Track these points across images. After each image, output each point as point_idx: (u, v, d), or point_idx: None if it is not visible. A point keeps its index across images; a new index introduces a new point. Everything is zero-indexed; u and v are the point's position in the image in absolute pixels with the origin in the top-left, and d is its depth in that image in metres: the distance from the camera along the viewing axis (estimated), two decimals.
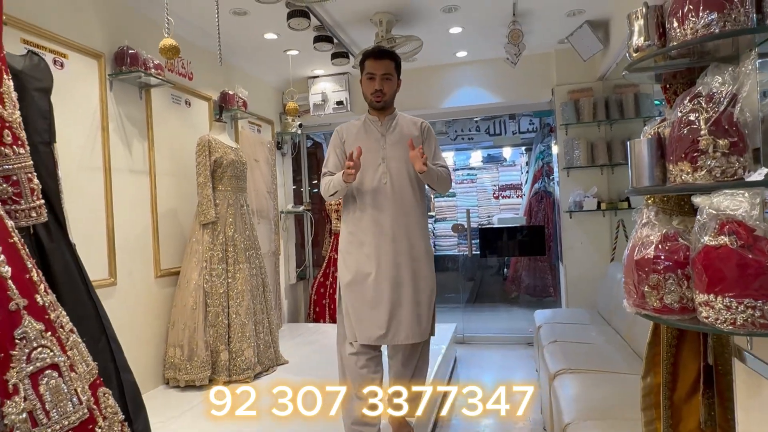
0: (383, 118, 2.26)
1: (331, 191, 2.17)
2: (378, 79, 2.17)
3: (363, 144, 2.16)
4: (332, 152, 2.30)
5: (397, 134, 2.23)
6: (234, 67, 3.87)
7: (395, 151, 2.19)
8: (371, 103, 2.23)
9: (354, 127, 2.30)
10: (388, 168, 2.18)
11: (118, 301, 2.64)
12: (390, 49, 2.22)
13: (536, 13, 3.42)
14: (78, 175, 2.43)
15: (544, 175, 6.54)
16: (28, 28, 2.19)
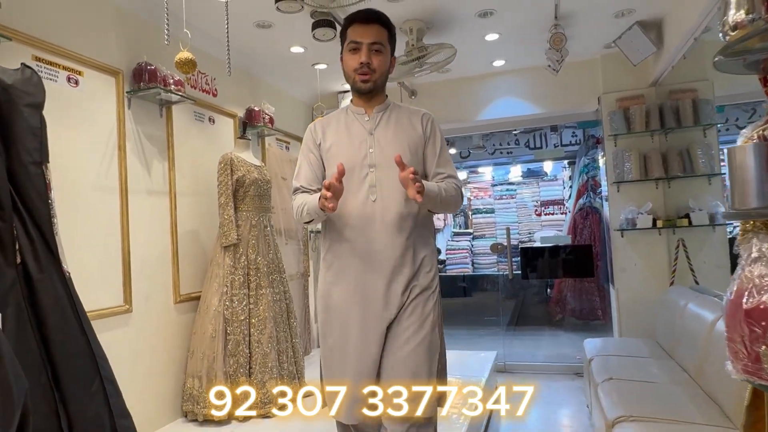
0: (371, 109, 1.71)
1: (305, 218, 1.64)
2: (365, 49, 1.60)
3: (345, 144, 1.67)
4: (304, 159, 1.74)
5: (391, 131, 1.68)
6: (260, 82, 3.75)
7: (388, 154, 1.61)
8: (355, 84, 1.66)
9: (333, 121, 1.75)
10: (377, 179, 1.61)
11: (134, 330, 2.50)
12: (382, 13, 1.66)
13: (580, 16, 3.15)
14: (92, 196, 2.31)
15: (589, 190, 6.15)
16: (41, 44, 2.10)
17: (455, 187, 1.69)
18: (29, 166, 1.42)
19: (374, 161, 1.64)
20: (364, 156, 1.65)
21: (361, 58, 1.61)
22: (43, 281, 1.42)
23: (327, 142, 1.72)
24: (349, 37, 1.65)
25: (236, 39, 3.16)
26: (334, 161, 1.63)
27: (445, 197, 1.63)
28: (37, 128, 1.44)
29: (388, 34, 1.67)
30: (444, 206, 1.66)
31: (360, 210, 1.62)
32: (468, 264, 8.32)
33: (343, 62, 1.69)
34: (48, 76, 2.14)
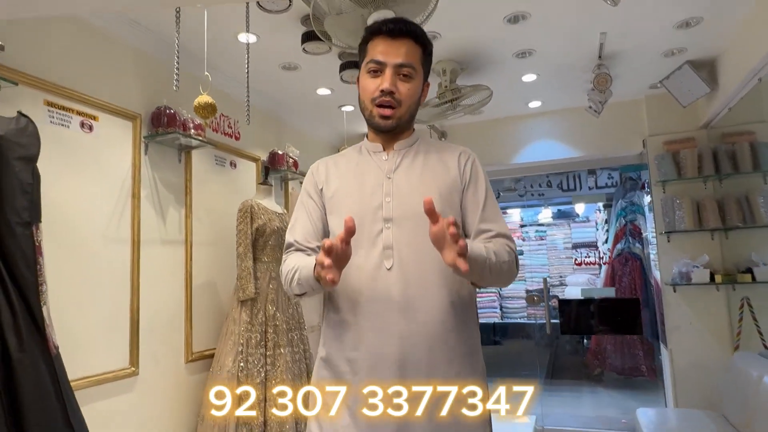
0: (391, 147, 1.29)
1: (296, 289, 1.20)
2: (389, 72, 1.19)
3: (353, 190, 1.25)
4: (302, 208, 1.33)
5: (416, 175, 1.25)
6: (285, 124, 3.62)
7: (411, 204, 1.20)
8: (372, 119, 1.25)
9: (343, 161, 1.34)
10: (395, 239, 1.18)
11: (139, 394, 2.27)
12: (416, 25, 1.25)
13: (626, 55, 2.93)
14: (101, 249, 2.14)
15: (627, 235, 5.80)
16: (53, 88, 1.97)
17: (508, 251, 1.20)
18: (16, 228, 1.24)
19: (391, 214, 1.20)
20: (378, 207, 1.21)
21: (383, 83, 1.20)
22: (23, 362, 1.22)
23: (331, 186, 1.30)
24: (369, 54, 1.23)
25: (261, 81, 3.04)
26: (339, 212, 1.24)
27: (496, 264, 1.13)
28: (28, 184, 1.27)
29: (423, 53, 1.25)
30: (495, 277, 1.16)
31: (369, 282, 1.17)
32: (496, 308, 7.93)
33: (360, 86, 1.27)
34: (60, 122, 2.01)
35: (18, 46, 1.85)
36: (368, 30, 1.27)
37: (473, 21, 2.46)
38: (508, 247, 1.22)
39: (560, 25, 2.53)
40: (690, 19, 2.50)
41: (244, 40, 2.49)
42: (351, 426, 1.15)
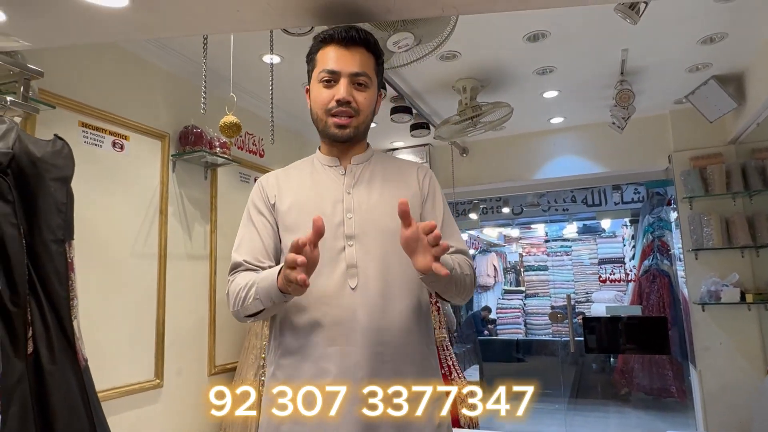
0: (348, 161, 1.24)
1: (250, 307, 1.10)
2: (344, 82, 1.15)
3: (311, 206, 1.18)
4: (249, 225, 1.23)
5: (377, 190, 1.21)
6: (308, 141, 3.69)
7: (373, 220, 1.16)
8: (327, 130, 1.19)
9: (295, 174, 1.27)
10: (359, 257, 1.13)
11: (164, 406, 2.32)
12: (369, 33, 1.20)
13: (649, 71, 2.91)
14: (129, 264, 2.22)
15: (655, 251, 5.67)
16: (88, 110, 2.07)
17: (469, 265, 1.19)
18: (51, 245, 1.30)
19: (354, 230, 1.15)
20: (339, 223, 1.15)
21: (338, 93, 1.14)
22: (54, 374, 1.27)
23: (284, 202, 1.20)
24: (320, 63, 1.18)
25: (284, 100, 3.12)
26: (296, 229, 1.16)
27: (461, 276, 1.12)
28: (62, 203, 1.34)
29: (376, 63, 1.21)
30: (457, 290, 1.13)
31: (333, 303, 1.10)
32: (520, 324, 7.82)
33: (310, 97, 1.22)
34: (93, 142, 2.10)
35: (55, 70, 1.95)
36: (318, 38, 1.21)
37: (492, 40, 2.49)
38: (468, 263, 1.20)
39: (580, 43, 2.54)
40: (714, 35, 2.48)
41: (269, 61, 2.57)
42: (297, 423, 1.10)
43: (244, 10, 1.13)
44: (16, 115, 1.55)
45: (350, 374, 1.07)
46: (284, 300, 1.05)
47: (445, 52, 2.56)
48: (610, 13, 2.21)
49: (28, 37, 1.47)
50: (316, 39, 1.21)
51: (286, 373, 1.13)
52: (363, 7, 1.20)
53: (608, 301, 6.92)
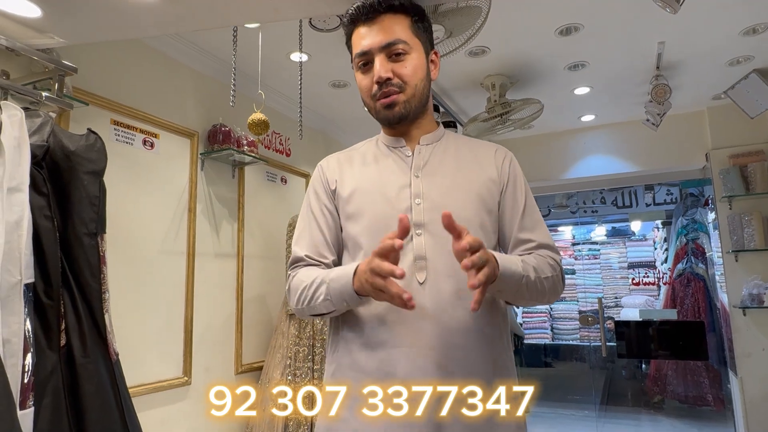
0: (414, 140, 1.12)
1: (320, 308, 1.03)
2: (379, 59, 1.04)
3: (374, 191, 1.08)
4: (309, 214, 1.14)
5: (449, 173, 1.09)
6: (333, 140, 3.68)
7: (445, 206, 1.01)
8: (378, 115, 1.10)
9: (357, 156, 1.17)
10: (428, 248, 1.02)
11: (192, 403, 2.32)
12: None
13: (686, 65, 2.81)
14: (159, 260, 2.23)
15: (689, 254, 5.48)
16: (119, 108, 2.10)
17: (552, 264, 1.05)
18: (84, 238, 1.31)
19: (422, 218, 1.03)
20: (406, 210, 1.04)
21: (375, 74, 1.04)
22: (86, 366, 1.27)
23: (346, 186, 1.11)
24: (353, 48, 1.10)
25: (311, 98, 3.11)
26: (359, 217, 1.07)
27: (535, 282, 1.00)
28: (95, 197, 1.34)
29: (412, 20, 1.07)
30: (534, 296, 1.02)
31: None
32: (547, 329, 7.65)
33: (358, 87, 1.12)
34: (125, 140, 2.12)
35: (89, 68, 1.98)
36: (345, 24, 1.11)
37: (523, 34, 2.43)
38: (552, 261, 1.07)
39: (615, 36, 2.46)
40: (757, 26, 2.37)
41: (297, 59, 2.57)
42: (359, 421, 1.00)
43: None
44: (50, 110, 1.57)
45: (417, 376, 0.98)
46: (360, 303, 0.99)
47: (474, 47, 2.51)
48: (647, 4, 2.13)
49: (63, 33, 1.49)
50: (344, 24, 1.13)
51: (346, 375, 1.04)
52: None
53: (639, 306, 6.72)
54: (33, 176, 1.22)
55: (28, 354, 1.15)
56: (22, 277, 1.15)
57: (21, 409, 1.10)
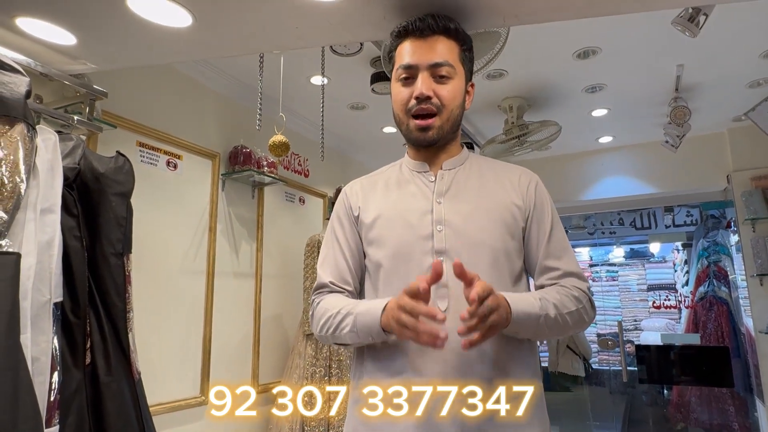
0: (438, 165, 1.11)
1: (345, 339, 1.03)
2: (423, 76, 1.03)
3: (396, 217, 1.07)
4: (333, 240, 1.15)
5: (472, 199, 1.07)
6: (351, 161, 3.72)
7: (468, 234, 1.03)
8: (410, 134, 1.08)
9: (381, 182, 1.16)
10: (449, 276, 0.97)
11: (208, 424, 2.32)
12: (451, 20, 1.08)
13: (705, 87, 2.80)
14: (179, 280, 2.26)
15: (711, 277, 5.36)
16: (145, 130, 2.15)
17: (576, 297, 1.01)
18: (110, 258, 1.34)
19: (444, 245, 1.02)
20: (428, 237, 1.03)
21: (416, 89, 1.03)
22: (110, 385, 1.28)
23: (369, 213, 1.10)
24: (397, 61, 1.08)
25: (330, 120, 3.16)
26: (381, 243, 1.07)
27: (555, 318, 0.97)
28: (123, 218, 1.38)
29: (461, 49, 1.08)
30: (556, 332, 0.99)
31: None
32: None
33: (392, 98, 1.10)
34: (149, 161, 2.17)
35: (116, 91, 2.04)
36: (394, 33, 1.09)
37: (541, 57, 2.46)
38: (578, 291, 1.03)
39: (633, 59, 2.47)
40: None
41: (318, 82, 2.62)
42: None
43: (303, 27, 1.15)
44: (81, 133, 1.62)
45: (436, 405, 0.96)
46: (385, 338, 0.98)
47: (492, 71, 2.54)
48: (665, 27, 2.14)
49: (96, 60, 1.55)
50: (392, 34, 1.10)
51: (367, 405, 1.02)
52: None
53: (660, 330, 6.57)
54: (64, 197, 1.26)
55: (55, 372, 1.16)
56: (51, 296, 1.17)
57: (47, 427, 1.11)
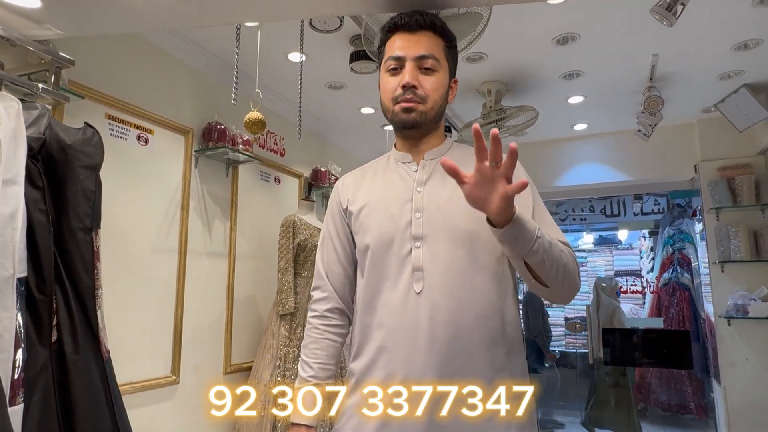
0: (421, 156, 1.17)
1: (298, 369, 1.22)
2: (409, 67, 1.10)
3: (379, 207, 1.15)
4: (326, 233, 1.26)
5: (450, 185, 1.07)
6: (328, 142, 3.68)
7: (443, 220, 1.08)
8: (395, 117, 1.13)
9: (369, 173, 1.23)
10: (425, 260, 1.06)
11: (179, 402, 2.30)
12: (438, 17, 1.15)
13: (679, 77, 2.86)
14: (150, 258, 2.20)
15: (675, 264, 5.56)
16: (114, 103, 2.07)
17: (569, 252, 1.04)
18: (78, 233, 1.29)
19: (421, 232, 1.07)
20: (407, 225, 1.09)
21: (403, 78, 1.09)
22: (77, 363, 1.25)
23: (357, 203, 1.18)
24: (387, 52, 1.15)
25: (307, 99, 3.11)
26: (365, 231, 1.15)
27: (550, 248, 0.97)
28: (91, 191, 1.32)
29: (446, 45, 1.14)
30: (556, 269, 0.98)
31: (398, 307, 1.06)
32: None
33: (380, 88, 1.16)
34: (119, 135, 2.10)
35: (85, 61, 1.96)
36: (384, 29, 1.17)
37: (522, 42, 2.46)
38: (566, 248, 1.04)
39: (610, 47, 2.49)
40: (749, 41, 2.42)
41: (296, 59, 2.56)
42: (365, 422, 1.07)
43: None
44: (45, 103, 1.55)
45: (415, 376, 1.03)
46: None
47: (472, 53, 2.53)
48: (643, 16, 2.17)
49: (62, 25, 1.47)
50: (383, 29, 1.17)
51: (356, 379, 1.12)
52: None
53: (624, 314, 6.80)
54: (28, 169, 1.20)
55: (19, 349, 1.13)
56: (15, 271, 1.13)
57: (10, 405, 1.08)
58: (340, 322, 1.23)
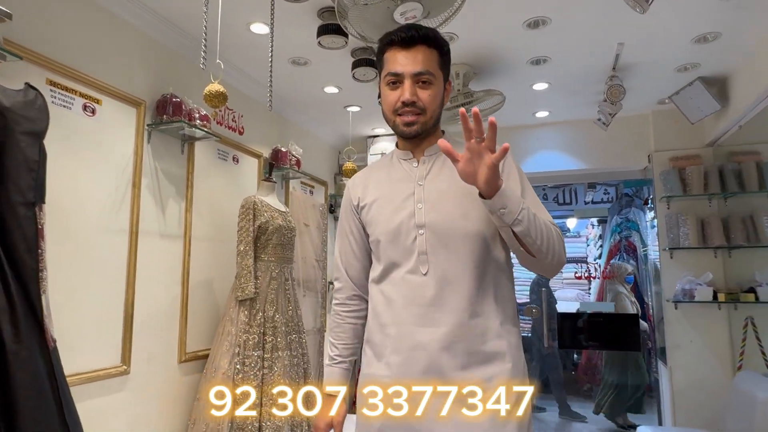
0: (421, 153, 1.30)
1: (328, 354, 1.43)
2: (407, 83, 1.20)
3: (386, 201, 1.29)
4: (341, 232, 1.42)
5: (447, 178, 1.24)
6: (289, 121, 3.54)
7: (443, 210, 1.22)
8: (396, 128, 1.27)
9: (376, 171, 1.38)
10: (429, 245, 1.21)
11: (131, 394, 2.15)
12: (430, 30, 1.25)
13: (639, 68, 2.92)
14: (98, 239, 2.03)
15: (622, 251, 5.80)
16: (57, 67, 1.87)
17: (555, 228, 1.17)
18: (19, 208, 1.14)
19: (423, 220, 1.22)
20: (411, 215, 1.23)
21: (403, 94, 1.20)
22: (19, 354, 1.11)
23: (367, 199, 1.33)
24: (386, 66, 1.25)
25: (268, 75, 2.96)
26: (375, 224, 1.29)
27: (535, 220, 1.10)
28: (34, 161, 1.17)
29: (440, 56, 1.24)
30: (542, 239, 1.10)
31: (406, 288, 1.22)
32: None
33: (381, 98, 1.28)
34: (62, 103, 1.91)
35: (25, 19, 1.75)
36: (382, 41, 1.29)
37: (492, 24, 2.42)
38: (554, 228, 1.17)
39: (579, 33, 2.50)
40: (708, 34, 2.49)
41: (258, 31, 2.42)
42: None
43: None
44: None
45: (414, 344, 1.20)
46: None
47: (444, 33, 2.46)
48: (616, 2, 2.18)
49: None
50: (381, 41, 1.27)
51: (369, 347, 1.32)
52: None
53: (571, 300, 7.05)
54: None
55: None
56: None
57: None
58: (358, 307, 1.40)
